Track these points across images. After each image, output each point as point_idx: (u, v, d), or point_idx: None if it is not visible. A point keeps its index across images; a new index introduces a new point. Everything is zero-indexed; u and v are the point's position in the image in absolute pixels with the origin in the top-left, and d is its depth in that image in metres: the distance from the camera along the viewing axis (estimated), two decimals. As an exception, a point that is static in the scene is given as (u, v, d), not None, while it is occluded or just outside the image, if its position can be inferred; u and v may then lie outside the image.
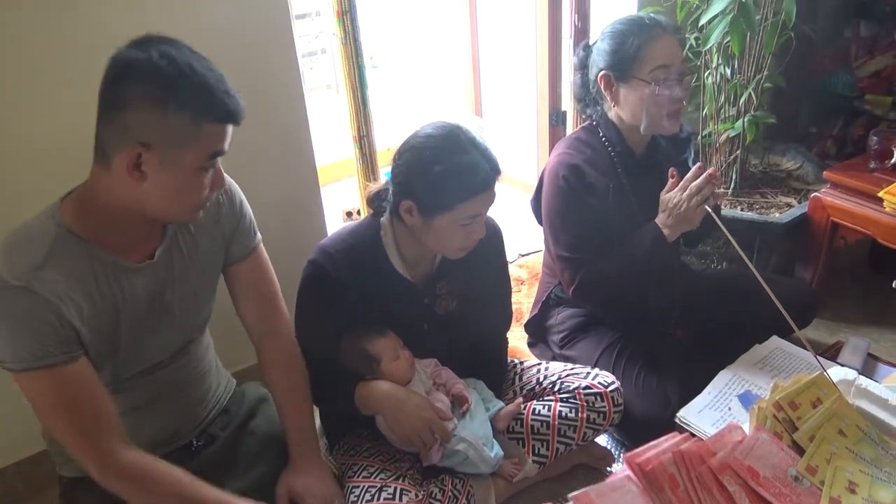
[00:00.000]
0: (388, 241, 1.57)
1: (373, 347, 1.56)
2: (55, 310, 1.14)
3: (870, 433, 1.13)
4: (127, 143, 1.10)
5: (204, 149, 1.14)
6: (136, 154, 1.10)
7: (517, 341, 2.22)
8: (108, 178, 1.15)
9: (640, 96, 1.72)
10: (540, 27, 2.86)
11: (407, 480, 1.52)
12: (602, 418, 1.70)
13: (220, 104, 1.12)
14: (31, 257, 1.13)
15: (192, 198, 1.20)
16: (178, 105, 1.09)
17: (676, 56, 1.71)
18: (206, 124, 1.12)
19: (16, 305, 1.11)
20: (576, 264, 1.81)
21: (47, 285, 1.13)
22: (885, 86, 2.95)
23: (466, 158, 1.42)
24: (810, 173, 2.66)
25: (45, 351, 1.14)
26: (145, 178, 1.13)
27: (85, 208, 1.20)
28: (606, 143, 1.83)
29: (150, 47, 1.10)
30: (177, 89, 1.09)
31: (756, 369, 1.62)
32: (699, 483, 1.03)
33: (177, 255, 1.33)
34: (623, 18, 1.77)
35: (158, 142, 1.10)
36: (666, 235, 1.72)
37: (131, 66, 1.09)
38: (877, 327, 2.40)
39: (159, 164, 1.12)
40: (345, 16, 1.98)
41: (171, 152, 1.12)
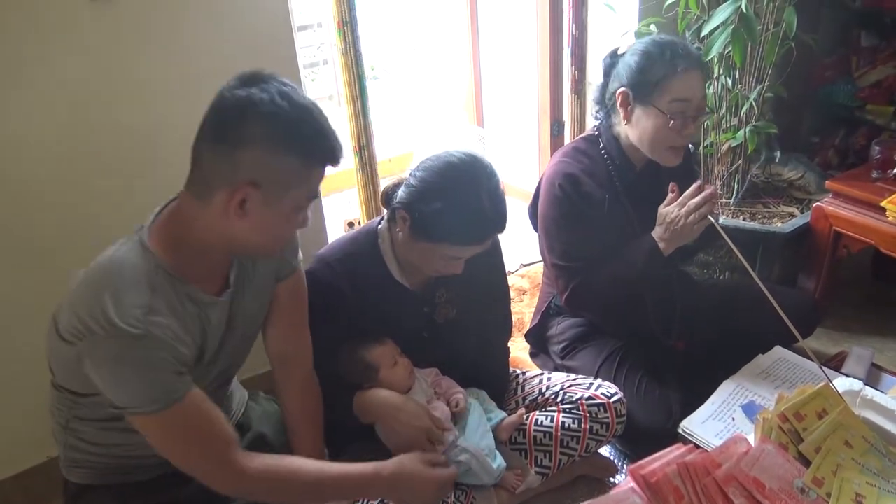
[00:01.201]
0: (386, 248, 1.57)
1: (370, 355, 1.55)
2: (173, 351, 1.14)
3: (876, 444, 1.13)
4: (236, 181, 1.10)
5: (308, 190, 1.16)
6: (245, 193, 1.10)
7: (519, 352, 2.21)
8: (203, 211, 1.15)
9: (653, 124, 1.71)
10: (541, 38, 2.87)
11: (409, 492, 1.51)
12: (605, 429, 1.69)
13: (332, 149, 1.15)
14: (138, 300, 1.11)
15: (283, 236, 1.22)
16: (297, 149, 1.11)
17: (698, 92, 1.70)
18: (315, 168, 1.15)
19: (138, 353, 1.10)
20: (569, 273, 1.81)
21: (162, 329, 1.12)
22: (886, 96, 2.96)
23: (472, 207, 1.41)
24: (812, 183, 2.66)
25: (170, 388, 1.14)
26: (246, 215, 1.13)
27: (176, 242, 1.19)
28: (605, 155, 1.83)
29: (270, 88, 1.11)
30: (297, 133, 1.10)
31: (759, 379, 1.61)
32: (704, 495, 1.02)
33: (243, 281, 1.33)
34: (658, 40, 1.75)
35: (268, 182, 1.11)
36: (661, 249, 1.72)
37: (254, 105, 1.09)
38: (880, 337, 2.39)
39: (263, 203, 1.12)
40: (345, 26, 1.99)
41: (277, 192, 1.13)
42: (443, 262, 1.49)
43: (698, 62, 1.72)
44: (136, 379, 1.12)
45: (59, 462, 1.37)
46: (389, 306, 1.58)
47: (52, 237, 1.71)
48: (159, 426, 1.16)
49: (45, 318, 1.44)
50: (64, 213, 1.70)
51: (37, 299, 1.70)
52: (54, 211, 1.70)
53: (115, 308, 1.08)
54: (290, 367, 1.49)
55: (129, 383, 1.12)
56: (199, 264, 1.22)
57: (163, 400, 1.13)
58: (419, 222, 1.44)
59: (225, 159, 1.10)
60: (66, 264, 1.69)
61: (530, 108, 3.13)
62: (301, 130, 1.11)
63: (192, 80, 1.77)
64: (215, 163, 1.11)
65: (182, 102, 1.78)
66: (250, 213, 1.13)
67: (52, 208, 1.70)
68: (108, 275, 1.13)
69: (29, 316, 1.70)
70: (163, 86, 1.74)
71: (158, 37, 1.70)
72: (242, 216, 1.13)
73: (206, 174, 1.13)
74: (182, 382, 1.15)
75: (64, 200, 1.70)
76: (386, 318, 1.58)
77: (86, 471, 1.33)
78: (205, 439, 1.19)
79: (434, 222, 1.42)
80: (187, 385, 1.16)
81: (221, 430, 1.21)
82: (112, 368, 1.11)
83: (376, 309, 1.57)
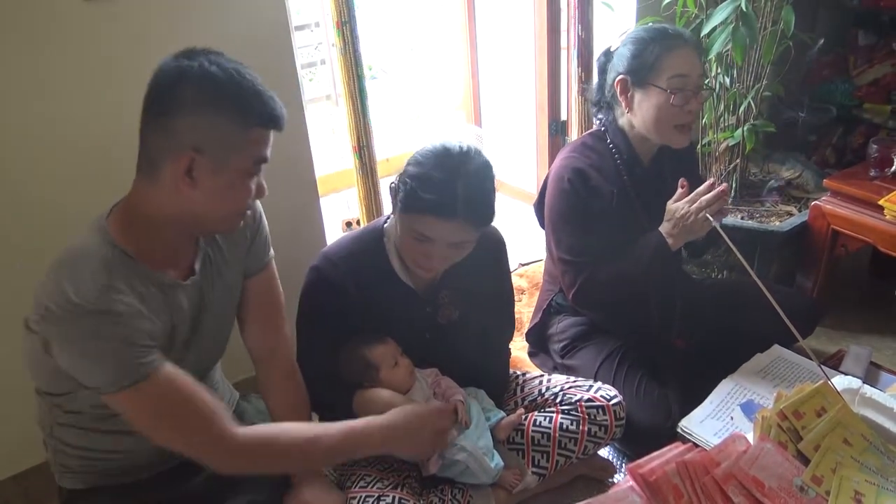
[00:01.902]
0: (391, 247, 1.57)
1: (372, 354, 1.55)
2: (137, 324, 1.13)
3: (875, 442, 1.13)
4: (179, 150, 1.11)
5: (251, 154, 1.16)
6: (189, 159, 1.11)
7: (518, 352, 2.21)
8: (154, 189, 1.15)
9: (655, 103, 1.72)
10: (539, 38, 2.87)
11: (405, 490, 1.51)
12: (604, 431, 1.69)
13: (269, 108, 1.15)
14: (97, 279, 1.11)
15: (238, 204, 1.21)
16: (230, 108, 1.11)
17: (695, 68, 1.71)
18: (254, 128, 1.14)
19: (100, 329, 1.10)
20: (577, 267, 1.81)
21: (122, 303, 1.12)
22: (883, 94, 2.96)
23: (442, 177, 1.38)
24: (810, 182, 2.66)
25: (138, 362, 1.13)
26: (196, 184, 1.13)
27: (130, 224, 1.19)
28: (613, 149, 1.83)
29: (199, 56, 1.12)
30: (229, 93, 1.11)
31: (758, 378, 1.61)
32: (703, 494, 1.02)
33: (209, 270, 1.33)
34: (647, 26, 1.78)
35: (210, 146, 1.11)
36: (669, 244, 1.72)
37: (184, 72, 1.11)
38: (878, 335, 2.39)
39: (211, 169, 1.13)
40: (344, 26, 1.99)
41: (221, 157, 1.13)
42: (418, 248, 1.45)
43: (690, 40, 1.74)
44: (102, 355, 1.11)
45: (51, 469, 1.38)
46: (393, 305, 1.58)
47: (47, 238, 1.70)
48: (133, 403, 1.15)
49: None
50: (57, 213, 1.70)
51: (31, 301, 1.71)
52: (48, 212, 1.69)
53: (74, 288, 1.09)
54: (270, 364, 1.50)
55: (96, 360, 1.12)
56: (160, 247, 1.22)
57: (132, 374, 1.12)
58: (400, 191, 1.43)
59: (165, 131, 1.11)
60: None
61: (528, 107, 3.14)
62: (232, 90, 1.11)
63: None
64: (157, 137, 1.12)
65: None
66: (199, 181, 1.13)
67: (45, 209, 1.69)
68: (67, 260, 1.14)
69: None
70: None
71: (154, 36, 1.70)
72: (192, 186, 1.13)
73: (150, 151, 1.14)
74: (151, 356, 1.15)
75: (55, 200, 1.69)
76: (389, 317, 1.58)
77: (76, 475, 1.32)
78: (186, 414, 1.18)
79: (407, 187, 1.40)
80: (157, 360, 1.15)
81: (203, 403, 1.20)
82: (77, 347, 1.12)
83: (379, 308, 1.57)
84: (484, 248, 1.59)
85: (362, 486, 1.50)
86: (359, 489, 1.49)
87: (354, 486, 1.50)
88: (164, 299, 1.22)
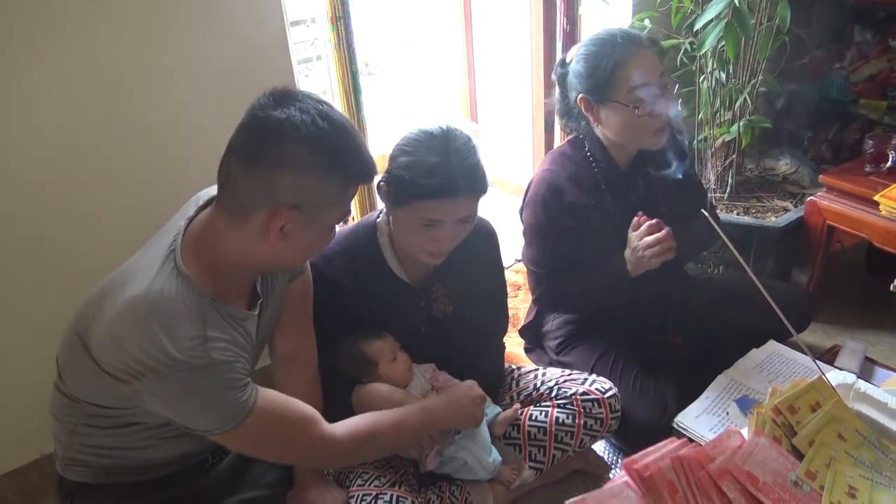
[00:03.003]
0: (385, 241, 1.57)
1: (370, 350, 1.55)
2: (237, 368, 1.15)
3: (869, 437, 1.13)
4: (276, 203, 1.09)
5: (344, 208, 1.17)
6: (287, 215, 1.10)
7: (514, 347, 2.21)
8: (239, 233, 1.14)
9: (621, 119, 1.69)
10: (535, 33, 2.86)
11: (404, 487, 1.51)
12: (599, 425, 1.69)
13: (369, 166, 1.15)
14: (192, 331, 1.10)
15: (317, 251, 1.23)
16: (340, 170, 1.10)
17: (653, 71, 1.66)
18: (352, 185, 1.15)
19: (204, 382, 1.10)
20: (537, 277, 1.88)
21: (222, 352, 1.12)
22: (879, 90, 2.96)
23: (438, 160, 1.39)
24: (806, 177, 2.66)
25: (242, 403, 1.15)
26: (286, 237, 1.12)
27: (210, 263, 1.17)
28: (591, 158, 1.83)
29: (307, 107, 1.09)
30: (340, 156, 1.10)
31: (753, 374, 1.61)
32: (698, 489, 1.02)
33: (267, 289, 1.34)
34: (595, 37, 1.71)
35: (309, 204, 1.10)
36: (629, 270, 1.72)
37: (295, 128, 1.07)
38: (874, 331, 2.40)
39: (303, 224, 1.12)
40: (338, 21, 1.98)
41: (317, 213, 1.12)
42: (427, 234, 1.45)
43: (643, 41, 1.69)
44: (210, 405, 1.13)
45: (56, 459, 1.37)
46: (388, 300, 1.58)
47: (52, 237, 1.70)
48: (243, 438, 1.18)
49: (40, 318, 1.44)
50: (62, 211, 1.69)
51: (31, 299, 1.70)
52: (52, 209, 1.68)
53: (172, 342, 1.07)
54: (294, 367, 1.49)
55: (204, 411, 1.13)
56: (232, 283, 1.22)
57: (240, 416, 1.14)
58: (392, 184, 1.43)
59: (263, 182, 1.08)
60: (59, 263, 1.70)
61: (524, 103, 3.13)
62: (343, 153, 1.10)
63: (184, 76, 1.76)
64: (252, 185, 1.09)
65: (174, 99, 1.77)
66: (290, 234, 1.12)
67: (50, 207, 1.68)
68: (155, 309, 1.09)
69: (24, 316, 1.70)
70: (154, 83, 1.73)
71: (151, 33, 1.69)
72: (283, 238, 1.12)
73: (240, 196, 1.11)
74: (248, 391, 1.16)
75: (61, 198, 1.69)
76: (384, 311, 1.58)
77: (85, 470, 1.31)
78: (289, 431, 1.22)
79: (403, 178, 1.40)
80: (253, 392, 1.17)
81: (299, 415, 1.23)
82: (183, 402, 1.12)
83: (375, 302, 1.57)
84: (476, 240, 1.59)
85: (360, 485, 1.49)
86: (357, 487, 1.49)
87: (353, 484, 1.50)
88: (242, 333, 1.22)
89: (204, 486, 1.38)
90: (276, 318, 1.43)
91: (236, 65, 1.83)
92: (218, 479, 1.39)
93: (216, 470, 1.44)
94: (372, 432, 1.32)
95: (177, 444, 1.30)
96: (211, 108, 1.81)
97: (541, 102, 2.94)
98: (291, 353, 1.48)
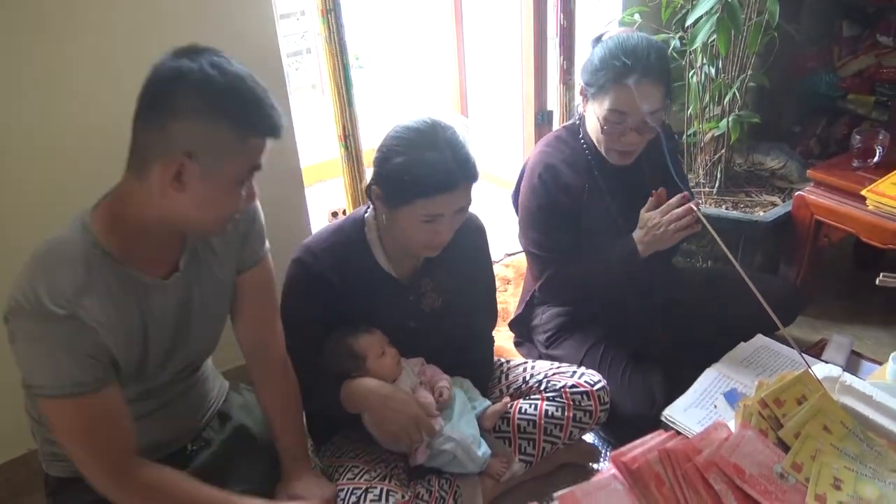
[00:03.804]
0: (373, 237, 1.57)
1: (358, 345, 1.55)
2: (96, 339, 1.13)
3: (854, 430, 1.14)
4: (170, 153, 1.08)
5: (245, 162, 1.14)
6: (179, 164, 1.09)
7: (504, 340, 2.22)
8: (141, 188, 1.13)
9: (595, 125, 1.74)
10: (525, 27, 2.86)
11: (393, 481, 1.51)
12: (588, 417, 1.70)
13: (268, 118, 1.13)
14: (71, 281, 1.11)
15: (226, 210, 1.19)
16: (229, 117, 1.09)
17: (638, 108, 1.65)
18: (251, 137, 1.12)
19: (60, 334, 1.10)
20: (543, 262, 1.85)
21: (90, 313, 1.12)
22: (867, 85, 2.97)
23: (433, 156, 1.40)
24: (794, 172, 2.68)
25: (83, 379, 1.13)
26: (184, 188, 1.11)
27: (116, 222, 1.17)
28: (584, 144, 1.84)
29: (200, 57, 1.09)
30: (228, 101, 1.09)
31: (741, 367, 1.62)
32: (685, 481, 1.03)
33: (197, 267, 1.32)
34: (621, 41, 1.69)
35: (203, 152, 1.09)
36: (640, 251, 1.73)
37: (184, 75, 1.07)
38: (860, 325, 2.42)
39: (200, 174, 1.11)
40: (329, 14, 1.97)
41: (213, 164, 1.11)
42: (428, 229, 1.46)
43: (652, 73, 1.65)
44: (49, 359, 1.12)
45: (39, 457, 1.37)
46: (376, 295, 1.58)
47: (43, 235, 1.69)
48: (60, 413, 1.16)
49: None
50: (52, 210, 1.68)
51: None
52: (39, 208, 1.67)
53: (47, 285, 1.09)
54: (262, 358, 1.49)
55: (41, 362, 1.12)
56: (143, 246, 1.21)
57: (69, 387, 1.12)
58: (389, 186, 1.43)
59: (158, 132, 1.09)
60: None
61: (515, 97, 3.13)
62: (233, 98, 1.09)
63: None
64: (149, 137, 1.10)
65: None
66: (188, 186, 1.11)
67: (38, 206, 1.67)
68: (45, 256, 1.13)
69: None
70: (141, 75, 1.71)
71: (138, 25, 1.68)
72: (180, 189, 1.11)
73: (141, 149, 1.12)
74: (95, 375, 1.15)
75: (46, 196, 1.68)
76: (373, 306, 1.58)
77: (65, 464, 1.31)
78: (103, 440, 1.18)
79: (401, 179, 1.40)
80: (101, 380, 1.15)
81: (123, 435, 1.20)
82: (29, 344, 1.12)
83: (363, 297, 1.57)
84: (465, 235, 1.60)
85: (350, 479, 1.50)
86: (346, 481, 1.49)
87: (342, 478, 1.51)
88: (137, 303, 1.21)
89: None
90: (218, 306, 1.39)
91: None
92: (203, 472, 1.39)
93: (200, 462, 1.43)
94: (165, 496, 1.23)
95: (145, 431, 1.30)
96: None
97: (531, 96, 2.94)
98: (254, 346, 1.48)
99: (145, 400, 1.33)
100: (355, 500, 1.44)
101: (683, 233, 1.67)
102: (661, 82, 1.67)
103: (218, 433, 1.50)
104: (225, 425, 1.51)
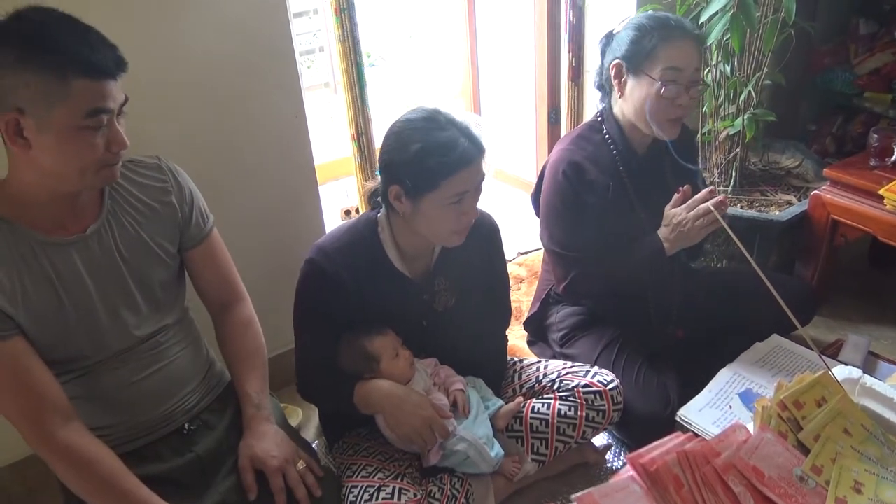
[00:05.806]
0: (386, 236, 1.56)
1: (372, 346, 1.55)
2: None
3: (875, 432, 1.13)
4: (2, 111, 1.10)
5: (77, 106, 1.12)
6: (14, 120, 1.10)
7: (517, 340, 2.21)
8: (8, 155, 1.17)
9: (645, 93, 1.70)
10: (538, 25, 2.85)
11: (405, 479, 1.51)
12: (601, 416, 1.69)
13: (83, 59, 1.10)
14: None
15: (86, 160, 1.17)
16: (39, 62, 1.08)
17: (691, 62, 1.68)
18: (73, 80, 1.10)
19: None
20: (567, 262, 1.82)
21: None
22: (884, 83, 2.95)
23: (445, 135, 1.42)
24: (810, 171, 2.66)
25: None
26: (30, 144, 1.12)
27: (3, 187, 1.22)
28: (609, 140, 1.82)
29: (18, 13, 1.10)
30: (36, 46, 1.08)
31: (756, 367, 1.61)
32: (704, 483, 1.02)
33: (118, 232, 1.33)
34: (650, 14, 1.75)
35: (29, 104, 1.09)
36: (665, 249, 1.72)
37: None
38: (876, 325, 2.40)
39: (36, 127, 1.11)
40: (343, 13, 1.97)
41: (43, 114, 1.10)
42: (455, 212, 1.46)
43: (692, 33, 1.71)
44: None
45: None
46: (390, 294, 1.58)
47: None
48: None
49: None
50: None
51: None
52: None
53: None
54: (226, 313, 1.53)
55: None
56: (44, 210, 1.23)
57: None
58: (411, 177, 1.43)
59: None
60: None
61: (527, 95, 3.12)
62: (40, 44, 1.08)
63: (185, 67, 1.76)
64: None
65: (175, 91, 1.76)
66: (31, 141, 1.12)
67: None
68: None
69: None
70: (155, 74, 1.72)
71: (152, 23, 1.68)
72: (27, 146, 1.12)
73: None
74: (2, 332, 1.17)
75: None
76: (386, 306, 1.58)
77: None
78: (14, 393, 1.20)
79: (422, 165, 1.41)
80: (9, 337, 1.18)
81: (41, 390, 1.21)
82: None
83: (377, 297, 1.56)
84: (479, 233, 1.60)
85: (363, 476, 1.50)
86: (360, 479, 1.50)
87: (355, 476, 1.51)
88: (44, 258, 1.23)
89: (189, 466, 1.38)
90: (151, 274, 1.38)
91: (238, 56, 1.82)
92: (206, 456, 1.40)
93: (202, 444, 1.42)
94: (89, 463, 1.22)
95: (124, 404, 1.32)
96: (211, 98, 1.81)
97: (544, 93, 2.94)
98: (217, 309, 1.53)
99: (121, 369, 1.34)
100: (368, 497, 1.44)
101: (708, 229, 1.66)
102: (700, 44, 1.72)
103: (220, 418, 1.48)
104: (226, 410, 1.49)
